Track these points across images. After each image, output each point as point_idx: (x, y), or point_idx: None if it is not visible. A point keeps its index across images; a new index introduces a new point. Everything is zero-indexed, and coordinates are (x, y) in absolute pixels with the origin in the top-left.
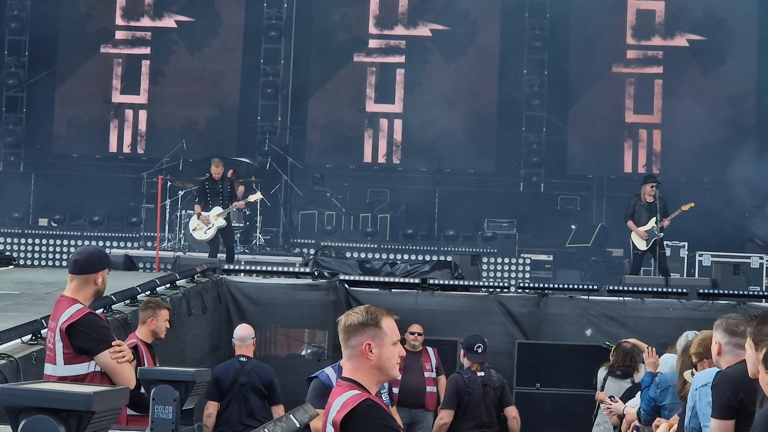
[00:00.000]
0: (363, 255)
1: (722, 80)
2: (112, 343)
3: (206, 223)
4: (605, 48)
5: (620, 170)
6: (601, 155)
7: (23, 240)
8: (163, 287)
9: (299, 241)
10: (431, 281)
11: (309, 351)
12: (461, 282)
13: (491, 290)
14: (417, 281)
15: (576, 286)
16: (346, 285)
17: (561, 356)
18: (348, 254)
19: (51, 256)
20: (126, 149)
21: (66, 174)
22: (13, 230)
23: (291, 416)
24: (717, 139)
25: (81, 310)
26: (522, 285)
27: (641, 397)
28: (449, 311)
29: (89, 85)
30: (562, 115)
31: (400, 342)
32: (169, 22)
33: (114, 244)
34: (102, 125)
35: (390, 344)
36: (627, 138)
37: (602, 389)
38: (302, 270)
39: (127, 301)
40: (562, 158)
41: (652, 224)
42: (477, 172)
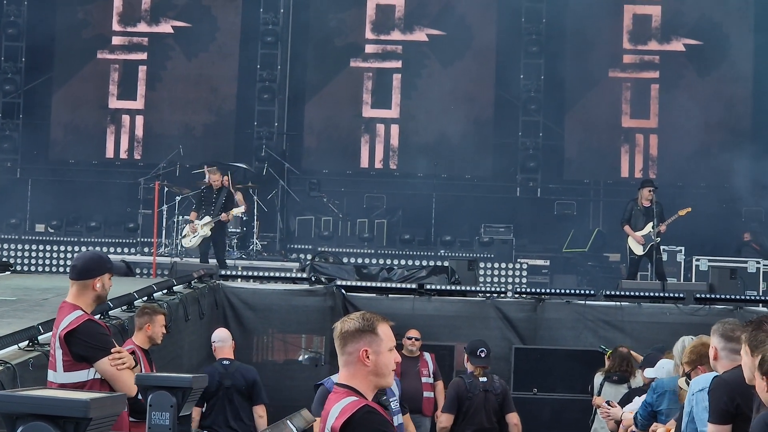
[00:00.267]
0: (360, 260)
1: (718, 85)
2: (112, 351)
3: (193, 232)
4: (602, 52)
5: (617, 175)
6: (598, 160)
7: (20, 246)
8: (160, 293)
9: (296, 247)
10: (428, 286)
11: (306, 356)
12: (458, 287)
13: (488, 295)
14: (414, 286)
15: (573, 291)
16: (343, 290)
17: (558, 361)
18: (345, 260)
19: (48, 262)
20: (123, 155)
21: (63, 180)
22: (10, 236)
23: (288, 422)
24: (713, 144)
25: (80, 318)
26: (519, 290)
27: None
28: (446, 316)
29: (86, 91)
30: (559, 120)
31: (397, 347)
32: (166, 28)
33: (111, 250)
34: (99, 131)
35: (386, 350)
36: (624, 142)
37: (599, 394)
38: (299, 275)
39: (124, 307)
40: (559, 163)
41: (649, 229)
42: (474, 177)
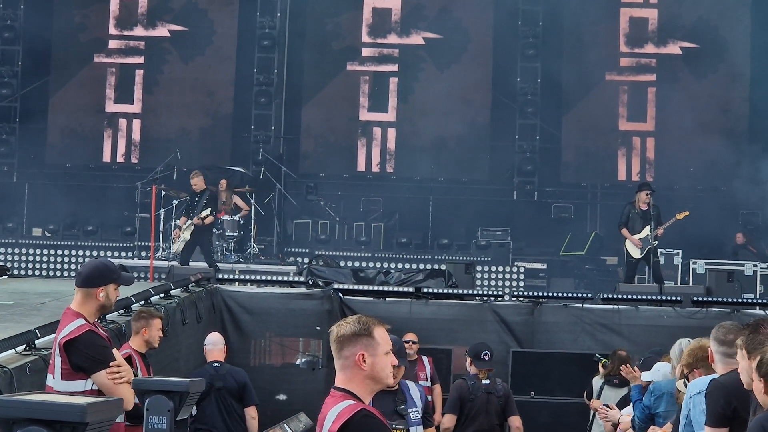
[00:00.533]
0: (357, 264)
1: (715, 87)
2: (111, 364)
3: (176, 236)
4: (598, 56)
5: (614, 178)
6: (595, 163)
7: (17, 250)
8: (158, 297)
9: (293, 250)
10: (425, 290)
11: (303, 360)
12: (455, 290)
13: (485, 299)
14: (411, 290)
15: (570, 295)
16: (341, 294)
17: (555, 364)
18: (342, 263)
19: (45, 266)
20: (120, 159)
21: (60, 184)
22: (7, 240)
23: (286, 425)
24: (710, 147)
25: (81, 327)
26: (516, 293)
27: (634, 406)
28: (443, 320)
29: (83, 95)
30: (556, 123)
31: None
32: (163, 32)
33: (108, 254)
34: (96, 135)
35: (383, 354)
36: (621, 146)
37: (599, 398)
38: (296, 279)
39: (122, 311)
40: (556, 166)
41: (647, 232)
42: (470, 181)
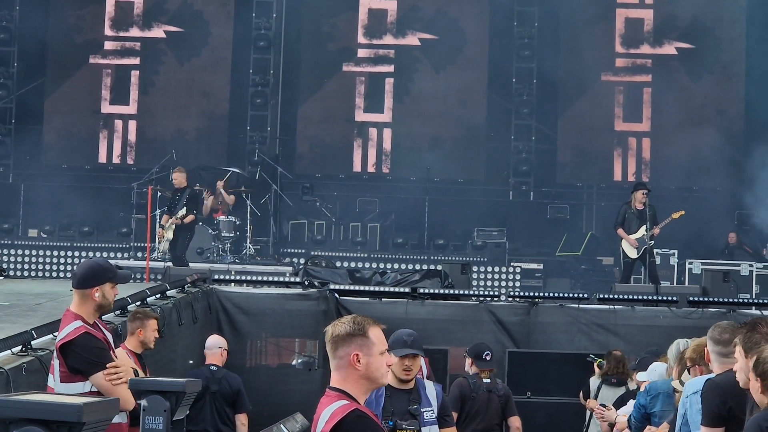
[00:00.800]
0: (353, 264)
1: (711, 88)
2: (108, 365)
3: (161, 236)
4: (594, 56)
5: (610, 178)
6: (591, 163)
7: (13, 251)
8: (154, 297)
9: (289, 251)
10: (421, 290)
11: (300, 361)
12: (451, 291)
13: (481, 299)
14: (407, 290)
15: (566, 295)
16: (337, 294)
17: (552, 365)
18: (338, 263)
19: (41, 267)
20: (116, 160)
21: (55, 185)
22: (3, 241)
23: (282, 426)
24: (706, 147)
25: (77, 329)
26: (512, 293)
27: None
28: (439, 320)
29: (78, 96)
30: (552, 124)
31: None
32: (158, 33)
33: (104, 255)
34: (91, 136)
35: (378, 354)
36: (616, 146)
37: (596, 397)
38: (292, 279)
39: (118, 312)
40: (552, 167)
41: (643, 232)
42: (466, 181)
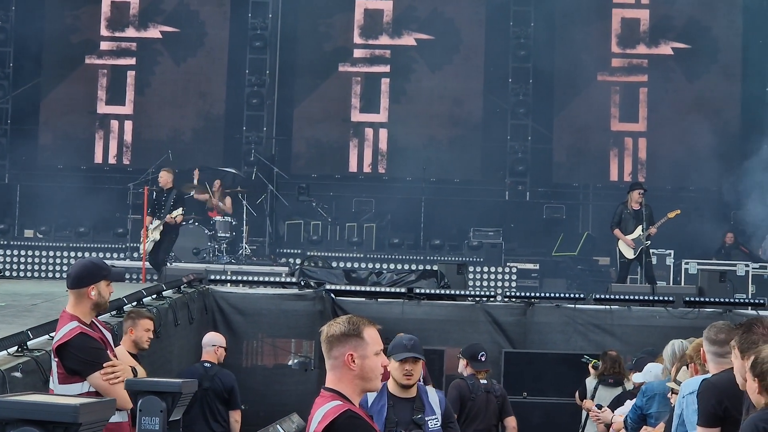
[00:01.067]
0: (349, 264)
1: (707, 88)
2: (105, 365)
3: (145, 236)
4: (590, 56)
5: (606, 178)
6: (587, 163)
7: (9, 251)
8: (150, 298)
9: (285, 251)
10: (417, 290)
11: (296, 361)
12: (447, 291)
13: (478, 299)
14: (403, 290)
15: (562, 295)
16: (333, 295)
17: (548, 365)
18: (334, 264)
19: (37, 268)
20: (112, 160)
21: (51, 185)
22: None
23: (278, 426)
24: (702, 147)
25: (72, 330)
26: (508, 294)
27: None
28: (436, 320)
29: (74, 96)
30: (548, 124)
31: (386, 352)
32: (154, 33)
33: (100, 255)
34: (87, 136)
35: (373, 354)
36: (612, 146)
37: (593, 398)
38: (288, 280)
39: (114, 312)
40: (548, 167)
41: (639, 232)
42: (462, 181)
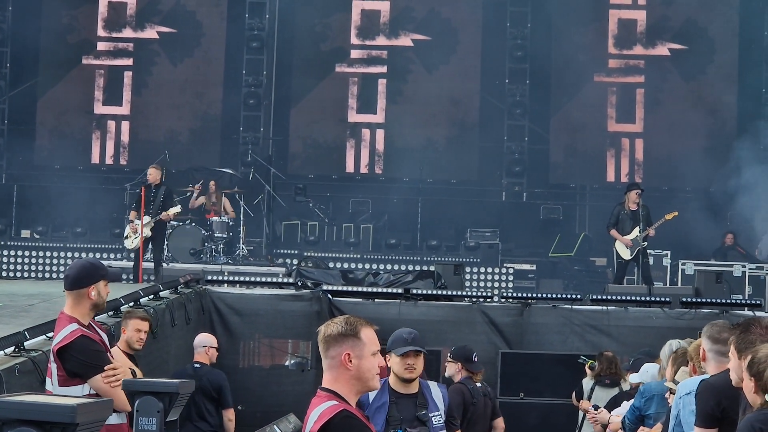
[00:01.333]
0: (346, 265)
1: (703, 89)
2: (106, 367)
3: (134, 232)
4: (587, 57)
5: (603, 179)
6: (584, 164)
7: (6, 252)
8: (147, 298)
9: (282, 252)
10: (414, 291)
11: (293, 361)
12: (444, 292)
13: (474, 300)
14: (400, 291)
15: (559, 296)
16: (329, 295)
17: (545, 366)
18: (331, 264)
19: (34, 268)
20: (108, 160)
21: (48, 185)
22: None
23: (275, 427)
24: (699, 148)
25: (73, 333)
26: (505, 294)
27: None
28: (432, 321)
29: (71, 97)
30: (544, 124)
31: (383, 352)
32: (151, 33)
33: (97, 256)
34: (84, 136)
35: (369, 354)
36: (609, 147)
37: (590, 398)
38: (285, 280)
39: (111, 313)
40: (545, 167)
41: (636, 233)
42: (459, 182)
